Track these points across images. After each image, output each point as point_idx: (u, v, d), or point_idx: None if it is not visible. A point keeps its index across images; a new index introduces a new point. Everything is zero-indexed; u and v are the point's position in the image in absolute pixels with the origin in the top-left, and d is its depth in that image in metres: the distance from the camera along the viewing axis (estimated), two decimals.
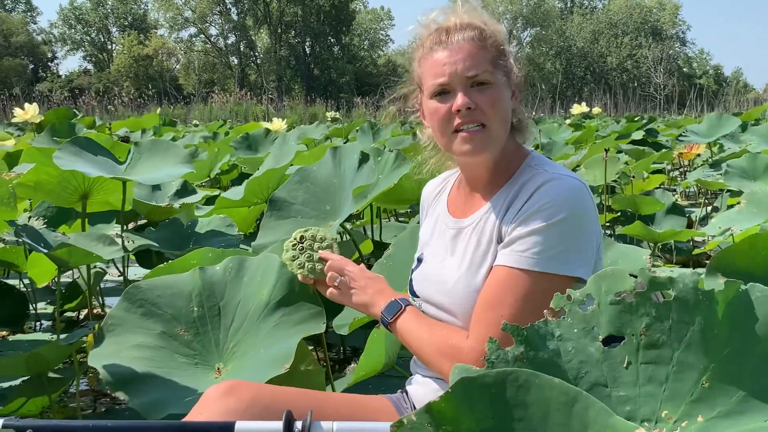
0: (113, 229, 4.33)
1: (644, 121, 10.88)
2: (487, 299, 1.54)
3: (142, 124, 11.72)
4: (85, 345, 2.51)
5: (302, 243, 1.98)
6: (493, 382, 0.79)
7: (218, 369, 2.10)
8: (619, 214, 5.69)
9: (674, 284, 0.89)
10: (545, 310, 0.94)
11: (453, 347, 1.55)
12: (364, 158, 3.24)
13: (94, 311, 4.14)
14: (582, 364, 0.89)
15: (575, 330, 0.91)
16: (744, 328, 0.85)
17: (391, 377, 2.76)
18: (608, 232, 5.88)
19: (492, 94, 1.59)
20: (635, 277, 0.92)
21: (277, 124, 8.83)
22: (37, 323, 4.11)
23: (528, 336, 0.90)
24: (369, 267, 2.56)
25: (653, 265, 2.85)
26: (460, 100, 1.58)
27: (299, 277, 2.00)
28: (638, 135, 10.42)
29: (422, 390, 1.76)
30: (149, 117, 12.55)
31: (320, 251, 1.94)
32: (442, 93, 1.62)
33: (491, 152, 1.63)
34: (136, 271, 4.69)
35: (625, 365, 0.88)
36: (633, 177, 5.98)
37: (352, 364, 2.90)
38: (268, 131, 8.63)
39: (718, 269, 2.22)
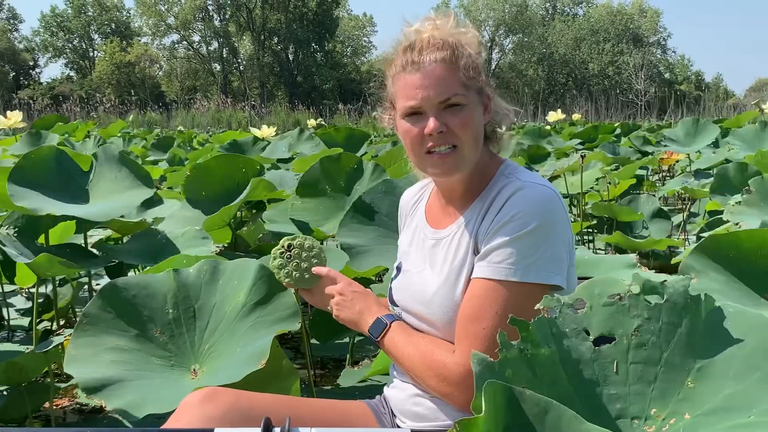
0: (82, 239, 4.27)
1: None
2: (468, 313, 1.54)
3: (109, 133, 11.49)
4: (61, 353, 2.50)
5: (290, 251, 1.96)
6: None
7: (194, 370, 2.11)
8: (595, 221, 5.72)
9: (666, 288, 0.91)
10: (536, 309, 0.96)
11: (438, 362, 1.55)
12: None
13: (72, 321, 4.11)
14: (575, 361, 0.92)
15: (566, 329, 0.93)
16: (725, 335, 0.88)
17: (376, 384, 2.77)
18: (587, 238, 5.91)
19: (464, 116, 1.59)
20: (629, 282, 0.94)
21: (266, 131, 8.73)
22: (11, 334, 4.06)
23: (531, 332, 0.93)
24: None
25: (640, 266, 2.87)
26: (432, 123, 1.57)
27: (284, 284, 1.99)
28: (622, 142, 10.49)
29: (401, 395, 1.75)
30: (116, 125, 12.35)
31: (314, 269, 1.93)
32: (415, 113, 1.61)
33: (463, 171, 1.64)
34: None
35: (615, 365, 0.90)
36: (609, 183, 6.02)
37: (366, 360, 2.93)
38: (256, 139, 8.54)
39: (705, 253, 2.25)
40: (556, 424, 0.78)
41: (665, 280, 0.92)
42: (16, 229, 3.42)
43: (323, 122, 15.90)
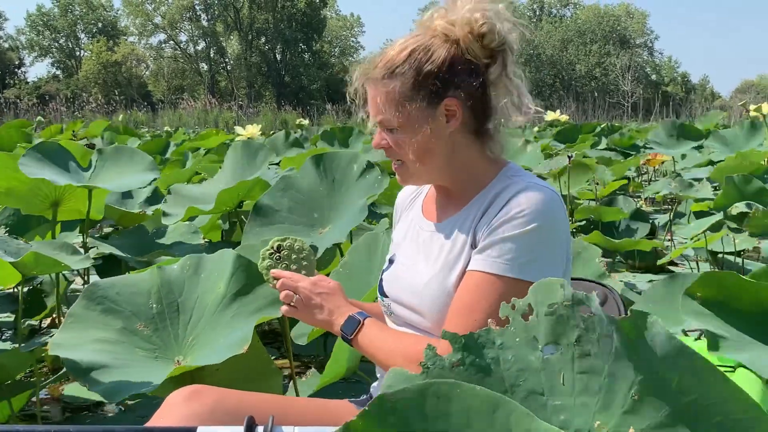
0: (78, 237, 4.29)
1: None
2: (460, 304, 1.54)
3: (92, 132, 11.44)
4: (44, 354, 2.50)
5: (279, 253, 1.90)
6: (413, 396, 0.79)
7: (178, 361, 2.13)
8: (581, 222, 5.75)
9: (590, 301, 0.89)
10: (490, 320, 0.94)
11: (422, 353, 1.54)
12: (368, 167, 3.26)
13: (59, 320, 4.09)
14: (520, 372, 0.89)
15: (517, 339, 0.91)
16: (653, 354, 0.86)
17: (362, 383, 2.77)
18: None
19: (396, 137, 1.61)
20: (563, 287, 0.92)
21: (251, 130, 8.64)
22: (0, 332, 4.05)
23: (465, 344, 0.91)
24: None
25: (609, 269, 2.90)
26: (374, 140, 1.65)
27: (271, 285, 1.94)
28: (604, 143, 10.57)
29: None
30: (97, 123, 12.30)
31: (272, 270, 1.85)
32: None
33: (420, 182, 1.70)
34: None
35: (561, 375, 0.88)
36: (597, 184, 6.06)
37: (312, 369, 2.91)
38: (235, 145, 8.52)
39: (696, 294, 2.17)
40: (506, 421, 0.77)
41: (588, 294, 0.90)
42: (7, 228, 3.41)
43: (305, 122, 15.87)
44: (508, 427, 0.77)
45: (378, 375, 1.84)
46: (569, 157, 5.77)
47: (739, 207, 4.80)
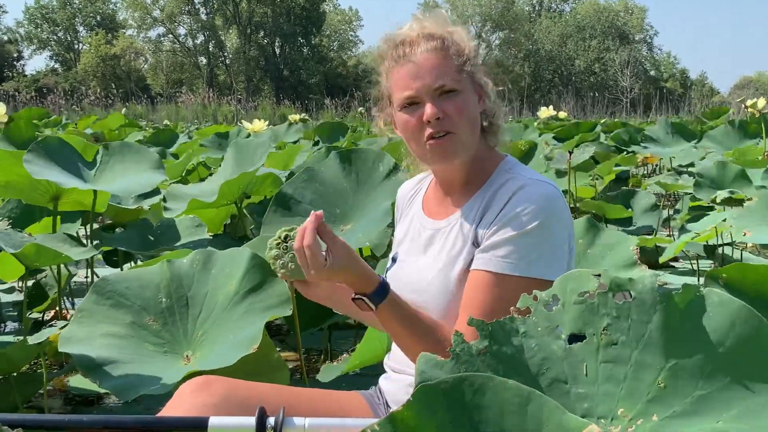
0: (80, 229, 4.29)
1: None
2: (470, 303, 1.57)
3: (107, 125, 11.48)
4: (52, 344, 2.51)
5: (287, 242, 1.91)
6: (451, 387, 0.80)
7: (187, 357, 2.13)
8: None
9: (634, 285, 0.91)
10: (512, 308, 0.96)
11: (437, 342, 1.55)
12: (395, 169, 3.21)
13: (62, 312, 4.10)
14: (544, 360, 0.91)
15: (539, 328, 0.93)
16: (700, 332, 0.87)
17: (367, 375, 2.79)
18: None
19: (459, 102, 1.62)
20: (599, 276, 0.94)
21: (258, 125, 8.68)
22: (3, 325, 4.06)
23: (492, 331, 0.92)
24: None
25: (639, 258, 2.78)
26: (429, 110, 1.60)
27: (279, 275, 1.93)
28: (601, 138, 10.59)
29: (395, 386, 1.78)
30: (113, 117, 12.33)
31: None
32: (411, 104, 1.64)
33: (462, 157, 1.66)
34: (104, 272, 4.65)
35: (584, 364, 0.90)
36: (597, 179, 6.08)
37: (344, 354, 2.92)
38: (239, 132, 8.56)
39: (718, 279, 2.18)
40: (537, 414, 0.79)
41: (633, 277, 0.91)
42: (10, 221, 3.42)
43: (307, 117, 15.86)
44: (541, 420, 0.79)
45: (386, 369, 1.86)
46: (569, 152, 5.81)
47: (721, 195, 4.82)
